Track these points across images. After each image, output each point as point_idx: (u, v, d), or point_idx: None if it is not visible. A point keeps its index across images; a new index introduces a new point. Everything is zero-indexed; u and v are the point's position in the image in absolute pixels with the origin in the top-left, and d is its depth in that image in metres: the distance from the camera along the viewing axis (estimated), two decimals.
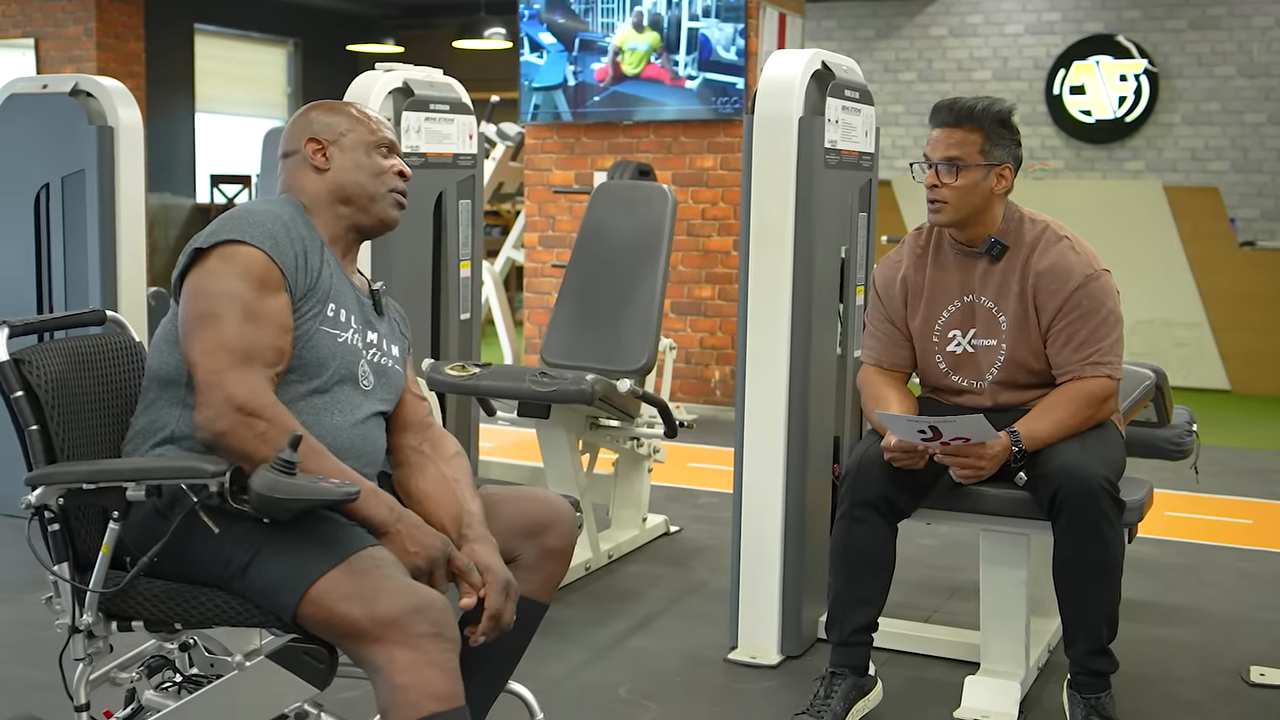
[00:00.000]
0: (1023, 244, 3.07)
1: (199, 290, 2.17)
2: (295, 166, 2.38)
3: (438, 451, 2.39)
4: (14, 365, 2.21)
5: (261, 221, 2.21)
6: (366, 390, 2.29)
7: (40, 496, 2.13)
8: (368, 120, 2.40)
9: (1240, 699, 3.35)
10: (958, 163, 3.01)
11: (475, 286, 4.45)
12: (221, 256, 2.18)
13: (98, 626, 2.18)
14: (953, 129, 3.03)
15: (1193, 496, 5.46)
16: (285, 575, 2.03)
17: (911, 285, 3.19)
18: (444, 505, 2.28)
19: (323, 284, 2.25)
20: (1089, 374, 2.99)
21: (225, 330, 2.12)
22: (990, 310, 3.09)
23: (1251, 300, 8.46)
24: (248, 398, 2.08)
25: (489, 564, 2.19)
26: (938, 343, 3.15)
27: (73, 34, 9.67)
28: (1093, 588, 2.88)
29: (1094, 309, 3.01)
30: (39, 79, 4.84)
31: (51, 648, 2.29)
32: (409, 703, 1.93)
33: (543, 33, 7.53)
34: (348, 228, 2.36)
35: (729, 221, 7.19)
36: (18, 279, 4.74)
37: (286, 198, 2.35)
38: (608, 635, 3.72)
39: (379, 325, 2.39)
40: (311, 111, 2.42)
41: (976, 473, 2.94)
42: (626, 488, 4.64)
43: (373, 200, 2.36)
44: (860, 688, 3.08)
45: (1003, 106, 3.06)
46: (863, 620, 3.06)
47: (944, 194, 3.03)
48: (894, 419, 2.95)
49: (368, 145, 2.37)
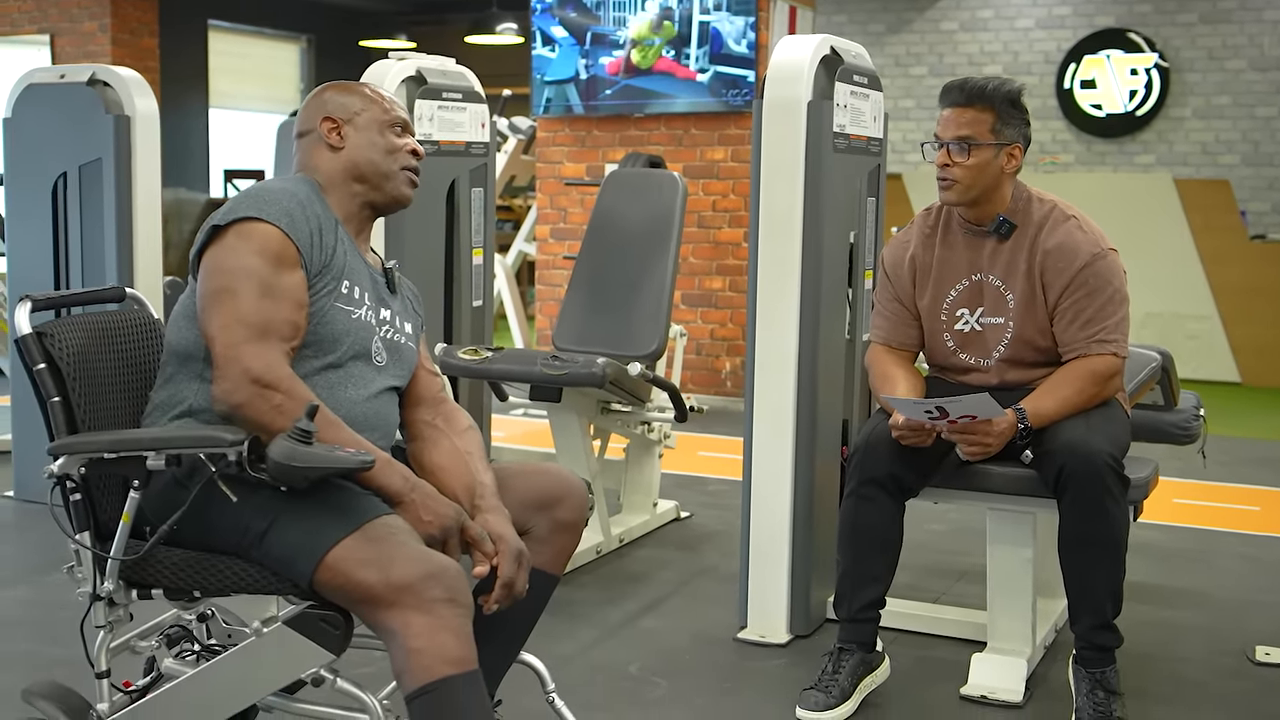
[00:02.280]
0: (1031, 223, 3.11)
1: (216, 266, 2.22)
2: (311, 145, 2.42)
3: (451, 426, 2.43)
4: (36, 338, 2.25)
5: (278, 199, 2.26)
6: (379, 366, 2.33)
7: (62, 466, 2.18)
8: (381, 99, 2.44)
9: (1245, 677, 3.38)
10: (969, 142, 3.05)
11: (487, 273, 4.49)
12: (239, 233, 2.22)
13: (118, 594, 2.23)
14: (964, 108, 3.07)
15: (1200, 484, 5.48)
16: (302, 542, 2.07)
17: (920, 264, 3.22)
18: (457, 477, 2.32)
19: (337, 261, 2.29)
20: (1094, 351, 3.02)
21: (242, 305, 2.16)
22: (998, 288, 3.12)
23: (1262, 293, 8.47)
24: (264, 370, 2.12)
25: (502, 533, 2.23)
26: (946, 321, 3.19)
27: (88, 29, 9.73)
28: (1098, 563, 2.91)
29: (1100, 287, 3.04)
30: (56, 69, 4.89)
31: (69, 626, 2.33)
32: (423, 666, 1.97)
33: (555, 26, 7.57)
34: (361, 205, 2.40)
35: (740, 213, 7.22)
36: (36, 266, 4.79)
37: (302, 176, 2.39)
38: (618, 615, 3.76)
39: (392, 303, 2.43)
40: (326, 91, 2.46)
41: (984, 449, 2.97)
42: (637, 473, 4.68)
43: (386, 178, 2.40)
44: (868, 664, 3.11)
45: (1013, 86, 3.09)
46: (870, 597, 3.09)
47: (955, 173, 3.06)
48: (901, 402, 2.98)
49: (382, 124, 2.41)
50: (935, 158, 3.09)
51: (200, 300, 2.22)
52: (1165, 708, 3.18)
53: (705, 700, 3.17)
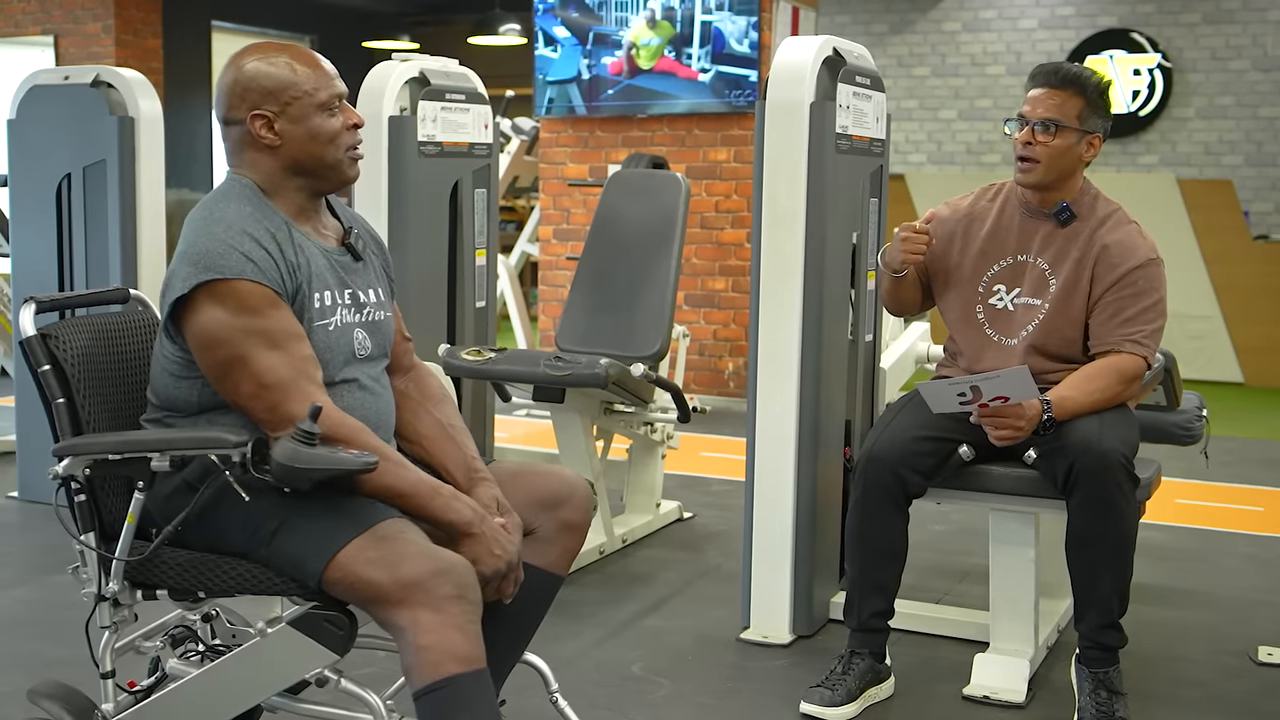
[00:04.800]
0: (1093, 217, 3.15)
1: (210, 339, 2.13)
2: (243, 143, 2.25)
3: (424, 394, 2.45)
4: (41, 340, 2.26)
5: (228, 248, 2.12)
6: (365, 356, 2.31)
7: (67, 467, 2.18)
8: (311, 75, 2.24)
9: (1248, 677, 3.38)
10: (1055, 124, 3.08)
11: (490, 274, 4.50)
12: (212, 297, 2.12)
13: (123, 594, 2.24)
14: (1055, 90, 3.10)
15: (1204, 484, 5.48)
16: (312, 542, 2.08)
17: (966, 231, 3.26)
18: (445, 450, 2.35)
19: (302, 274, 2.21)
20: (1127, 350, 3.04)
21: (258, 367, 2.11)
22: (1043, 271, 3.16)
23: (1265, 293, 8.47)
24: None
25: (502, 501, 2.29)
26: (982, 293, 3.22)
27: (91, 30, 9.74)
28: (1106, 562, 2.91)
29: (1148, 290, 3.08)
30: (60, 70, 4.89)
31: (72, 627, 2.34)
32: (432, 663, 1.98)
33: (557, 27, 7.58)
34: (308, 195, 2.29)
35: (742, 214, 7.22)
36: (40, 268, 4.80)
37: (239, 181, 2.25)
38: (621, 615, 3.76)
39: (359, 276, 2.33)
40: (246, 66, 2.23)
41: (1015, 433, 2.95)
42: (640, 474, 4.68)
43: (331, 168, 2.26)
44: (876, 673, 3.13)
45: (1103, 80, 3.14)
46: (879, 606, 3.12)
47: (1037, 152, 3.09)
48: (933, 385, 2.99)
49: (317, 107, 2.23)
50: (1018, 135, 3.12)
51: (210, 373, 2.16)
52: (1168, 708, 3.18)
53: (708, 700, 3.18)
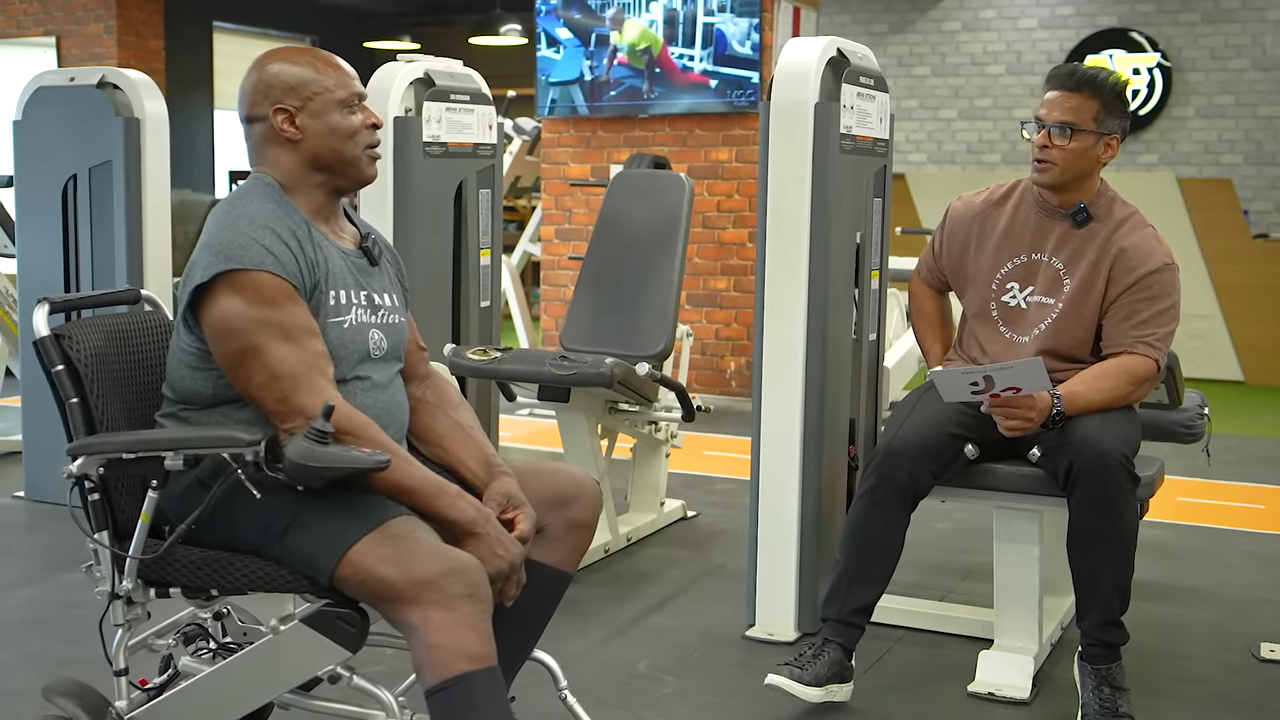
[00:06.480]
0: (1110, 219, 3.17)
1: (226, 329, 2.16)
2: (265, 138, 2.30)
3: (442, 399, 2.47)
4: (55, 340, 2.27)
5: (250, 240, 2.17)
6: (379, 357, 2.33)
7: (81, 466, 2.20)
8: (332, 73, 2.30)
9: (1250, 674, 3.40)
10: (1072, 127, 3.10)
11: (495, 274, 4.51)
12: (231, 287, 2.15)
13: (136, 593, 2.26)
14: (1071, 93, 3.12)
15: (1205, 482, 5.50)
16: (324, 539, 2.10)
17: (981, 229, 3.29)
18: (465, 448, 2.39)
19: (320, 271, 2.25)
20: (1139, 351, 3.07)
21: (271, 358, 2.14)
22: (1058, 271, 3.18)
23: (1265, 292, 8.49)
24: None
25: (521, 495, 2.32)
26: (996, 291, 3.25)
27: (93, 31, 9.75)
28: (1107, 560, 2.93)
29: (1162, 294, 3.10)
30: (66, 71, 4.90)
31: (82, 625, 2.36)
32: (443, 661, 1.99)
33: (559, 28, 7.60)
34: (327, 193, 2.33)
35: (744, 214, 7.24)
36: (47, 268, 4.81)
37: (262, 180, 2.30)
38: (627, 614, 3.78)
39: (375, 280, 2.37)
40: (270, 66, 2.29)
41: (1025, 424, 2.97)
42: (644, 473, 4.70)
43: (350, 164, 2.31)
44: (842, 670, 3.05)
45: (1119, 79, 3.16)
46: (865, 601, 3.08)
47: (1053, 154, 3.12)
48: (945, 374, 3.01)
49: (338, 104, 2.28)
50: (1035, 138, 3.14)
51: (224, 363, 2.19)
52: (1171, 704, 3.20)
53: (714, 697, 3.20)
